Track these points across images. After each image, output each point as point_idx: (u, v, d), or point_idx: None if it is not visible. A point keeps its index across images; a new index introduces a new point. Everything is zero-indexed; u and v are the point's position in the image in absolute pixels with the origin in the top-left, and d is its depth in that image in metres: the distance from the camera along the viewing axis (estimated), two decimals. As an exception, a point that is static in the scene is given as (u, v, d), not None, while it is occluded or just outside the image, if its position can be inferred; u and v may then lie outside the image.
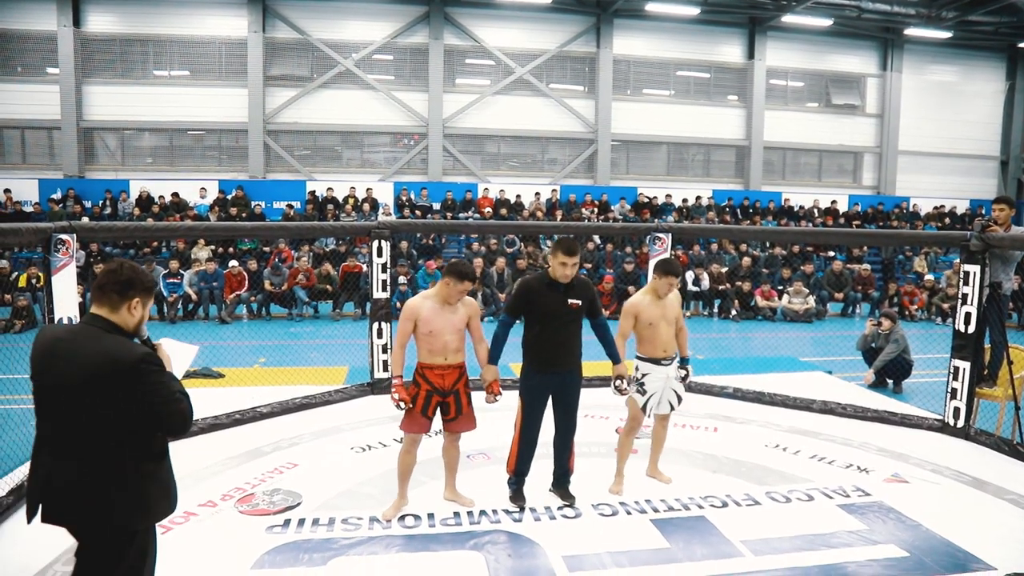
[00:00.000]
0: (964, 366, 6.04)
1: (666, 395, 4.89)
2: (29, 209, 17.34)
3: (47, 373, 2.46)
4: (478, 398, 4.52)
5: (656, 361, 4.83)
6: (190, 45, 19.00)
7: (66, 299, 5.15)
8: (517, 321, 4.57)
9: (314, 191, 18.53)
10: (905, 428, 6.41)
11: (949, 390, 6.18)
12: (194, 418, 2.58)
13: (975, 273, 5.94)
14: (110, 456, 2.44)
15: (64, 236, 5.18)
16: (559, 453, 4.68)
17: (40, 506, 2.47)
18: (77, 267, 5.43)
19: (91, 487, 2.43)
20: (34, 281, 12.32)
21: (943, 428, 6.24)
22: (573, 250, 4.41)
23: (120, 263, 2.59)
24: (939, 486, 5.09)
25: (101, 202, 17.54)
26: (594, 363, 5.22)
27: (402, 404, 4.28)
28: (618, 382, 4.67)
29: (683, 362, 5.01)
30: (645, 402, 4.82)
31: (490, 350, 4.52)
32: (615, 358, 4.68)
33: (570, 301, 4.45)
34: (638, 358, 4.87)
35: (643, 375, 4.82)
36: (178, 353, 2.99)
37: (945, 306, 13.30)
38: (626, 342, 4.83)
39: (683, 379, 4.99)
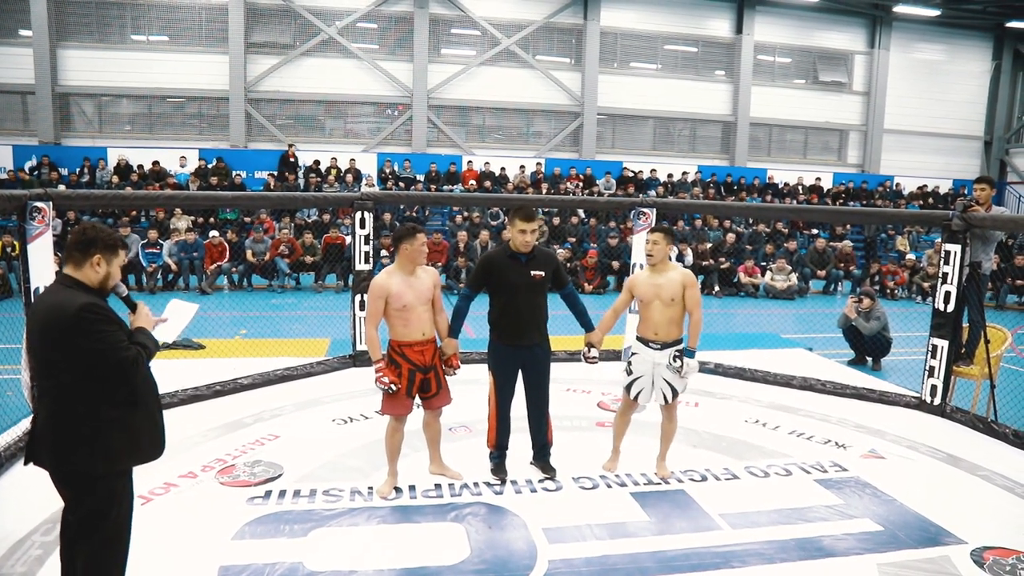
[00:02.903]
0: (942, 344, 6.11)
1: (657, 383, 4.56)
2: (3, 176, 16.98)
3: (29, 327, 2.69)
4: None
5: (645, 342, 4.58)
6: (169, 9, 18.58)
7: (42, 268, 5.06)
8: (478, 295, 4.53)
9: (287, 155, 18.21)
10: (883, 405, 6.49)
11: (927, 368, 6.26)
12: (145, 365, 2.69)
13: (956, 253, 5.98)
14: (68, 402, 2.61)
15: (40, 204, 5.07)
16: (535, 426, 4.67)
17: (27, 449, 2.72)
18: (54, 235, 5.33)
19: (53, 431, 2.62)
20: (9, 250, 12.11)
21: (920, 405, 6.32)
22: (530, 216, 4.36)
23: (86, 224, 2.79)
24: (914, 462, 5.16)
25: (78, 170, 17.21)
26: (576, 337, 5.20)
27: (392, 387, 4.16)
28: (586, 350, 4.62)
29: (684, 351, 4.54)
30: (629, 383, 4.67)
31: (451, 323, 4.45)
32: (587, 326, 4.65)
33: (533, 272, 4.41)
34: (636, 336, 4.70)
35: (632, 354, 4.67)
36: (179, 311, 3.20)
37: (925, 285, 13.43)
38: (616, 317, 4.72)
39: (677, 369, 4.50)
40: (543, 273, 4.45)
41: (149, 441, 2.81)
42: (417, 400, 4.39)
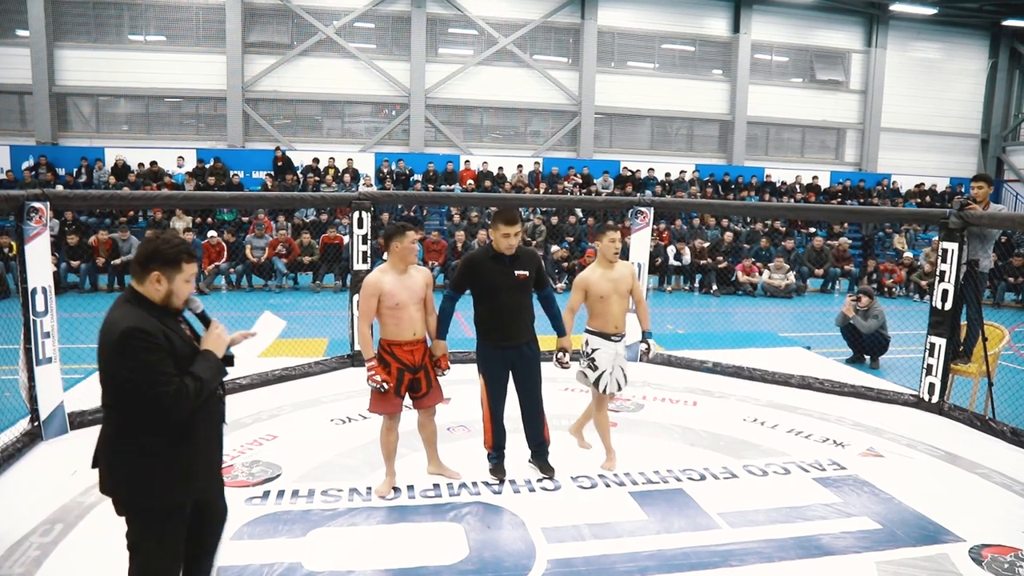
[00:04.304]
0: (940, 342, 6.11)
1: (615, 374, 4.77)
2: (1, 177, 16.96)
3: None
4: None
5: (606, 336, 4.74)
6: (166, 9, 18.55)
7: (40, 268, 5.05)
8: (462, 296, 4.52)
9: (283, 151, 18.26)
10: (881, 403, 6.50)
11: (925, 366, 6.26)
12: (191, 399, 2.46)
13: (953, 251, 5.98)
14: (114, 422, 2.51)
15: (37, 204, 5.06)
16: (530, 426, 4.66)
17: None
18: (51, 236, 5.32)
19: (101, 448, 2.55)
20: (6, 250, 12.09)
21: (918, 403, 6.32)
22: (512, 219, 4.35)
23: (152, 235, 2.64)
24: (913, 460, 5.17)
25: (76, 170, 17.19)
26: (574, 337, 5.20)
27: (384, 385, 4.16)
28: (560, 355, 4.64)
29: (644, 336, 4.92)
30: (597, 377, 4.75)
31: (437, 325, 4.43)
32: (560, 331, 4.67)
33: (517, 273, 4.40)
34: (588, 332, 4.80)
35: (593, 350, 4.74)
36: (269, 326, 3.12)
37: (923, 283, 13.44)
38: (574, 316, 4.79)
39: (646, 352, 4.91)
40: (527, 273, 4.44)
41: (199, 475, 2.63)
42: (409, 401, 4.38)
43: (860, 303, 8.22)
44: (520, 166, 19.36)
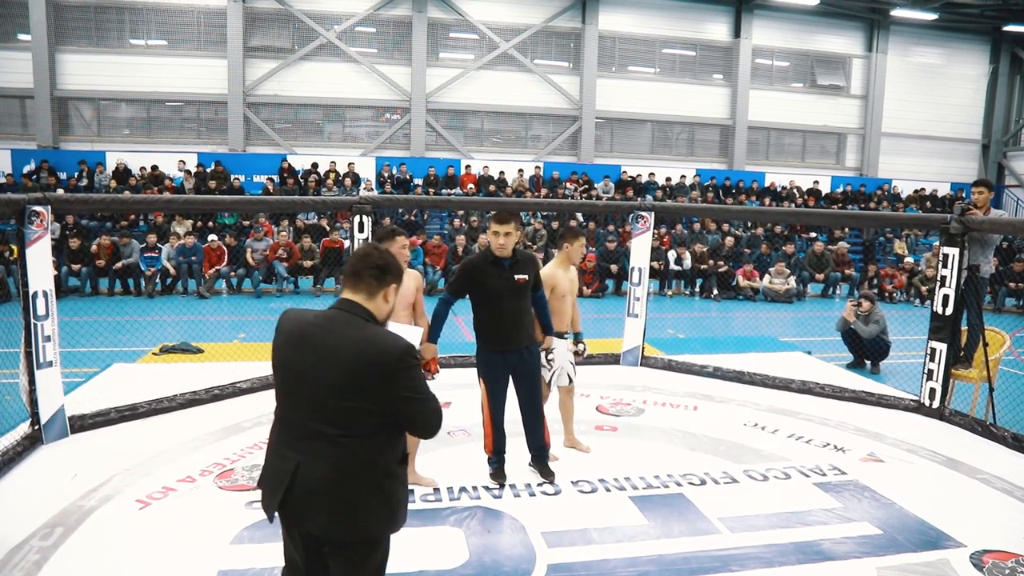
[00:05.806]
0: (941, 347, 6.11)
1: (565, 368, 5.01)
2: (1, 180, 16.98)
3: (299, 359, 2.31)
4: None
5: (560, 335, 4.94)
6: (167, 13, 18.61)
7: (41, 272, 5.05)
8: (457, 300, 4.51)
9: (288, 163, 18.32)
10: (882, 408, 6.48)
11: (925, 371, 6.25)
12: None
13: (954, 256, 5.98)
14: (366, 455, 2.26)
15: (38, 208, 5.06)
16: (531, 430, 4.66)
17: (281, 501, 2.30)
18: (52, 240, 5.33)
19: (341, 489, 2.25)
20: (7, 254, 12.10)
21: (919, 408, 6.31)
22: (502, 218, 4.35)
23: (372, 247, 2.43)
24: (913, 465, 5.16)
25: (77, 174, 17.22)
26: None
27: None
28: (547, 354, 4.80)
29: (577, 337, 5.16)
30: (551, 377, 4.95)
31: (430, 328, 4.41)
32: (547, 330, 4.76)
33: (517, 277, 4.40)
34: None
35: (550, 350, 4.88)
36: (406, 335, 2.97)
37: (924, 288, 13.44)
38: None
39: (581, 354, 5.11)
40: (527, 277, 4.44)
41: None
42: None
43: (861, 308, 8.22)
44: (521, 170, 19.38)
